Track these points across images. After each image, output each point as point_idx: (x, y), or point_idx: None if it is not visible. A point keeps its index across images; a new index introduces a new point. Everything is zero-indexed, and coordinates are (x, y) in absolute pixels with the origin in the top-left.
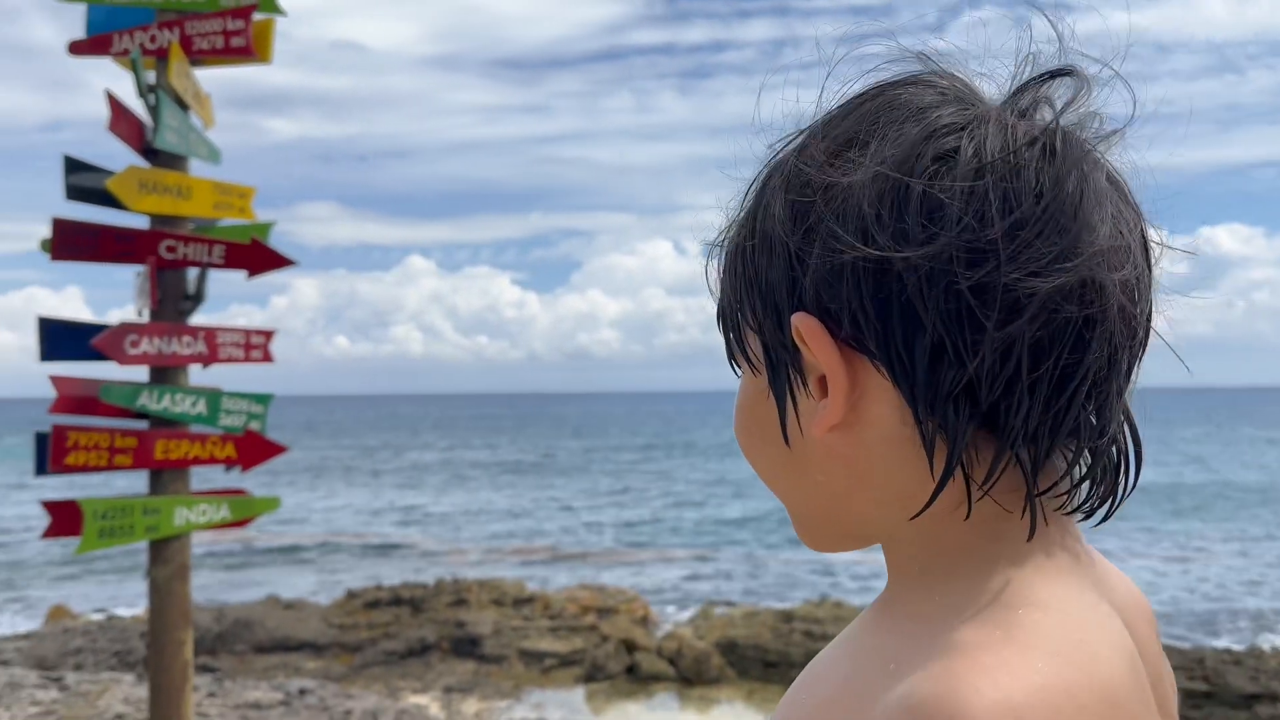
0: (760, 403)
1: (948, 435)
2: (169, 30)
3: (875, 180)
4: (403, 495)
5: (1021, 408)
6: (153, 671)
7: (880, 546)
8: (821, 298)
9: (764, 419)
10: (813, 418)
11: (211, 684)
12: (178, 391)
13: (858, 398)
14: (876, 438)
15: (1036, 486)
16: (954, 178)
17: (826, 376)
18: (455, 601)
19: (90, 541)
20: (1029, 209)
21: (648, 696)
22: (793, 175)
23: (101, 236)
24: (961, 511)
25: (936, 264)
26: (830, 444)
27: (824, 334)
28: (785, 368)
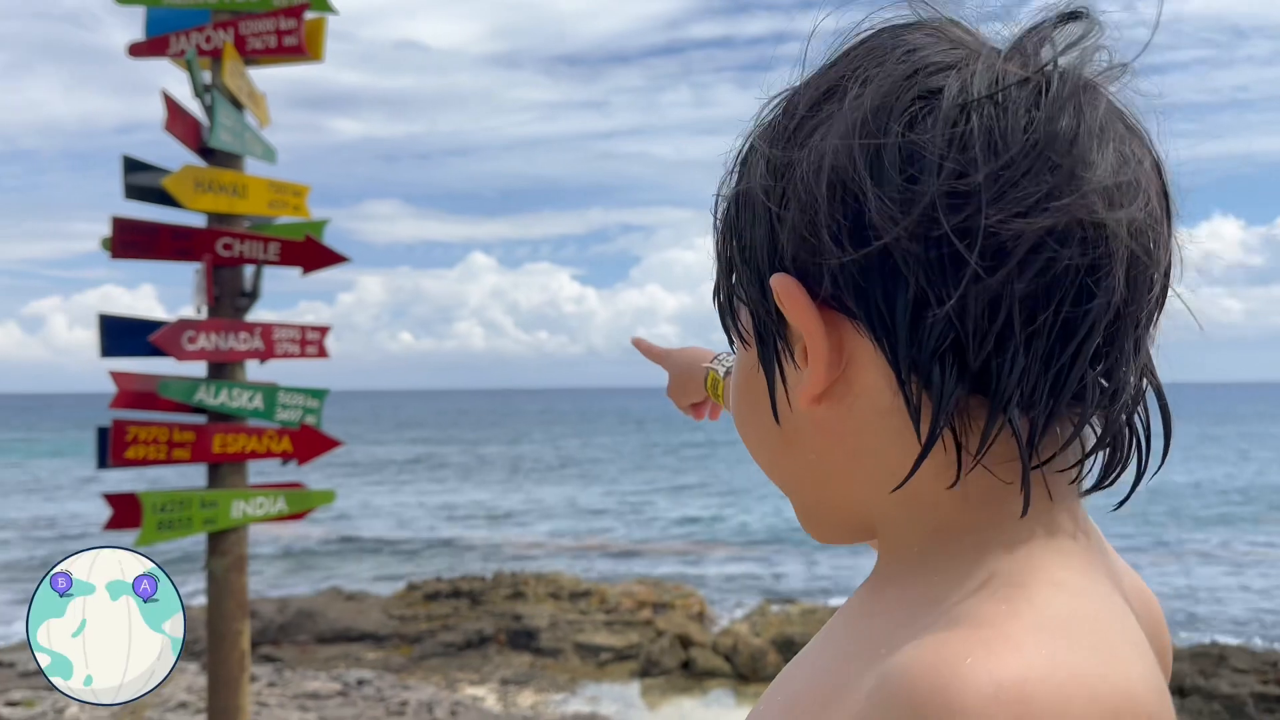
0: (752, 378)
1: (933, 397)
2: (223, 30)
3: (852, 127)
4: (464, 489)
5: (1015, 366)
6: (211, 662)
7: None
8: (799, 256)
9: (756, 396)
10: (798, 388)
11: (272, 674)
12: (234, 386)
13: (845, 365)
14: (868, 409)
15: (1036, 456)
16: (935, 119)
17: (806, 342)
18: (513, 594)
19: (149, 534)
20: (1016, 147)
21: (703, 692)
22: (774, 131)
23: (160, 235)
24: (959, 488)
25: (914, 210)
26: (819, 418)
27: (801, 294)
28: (772, 337)
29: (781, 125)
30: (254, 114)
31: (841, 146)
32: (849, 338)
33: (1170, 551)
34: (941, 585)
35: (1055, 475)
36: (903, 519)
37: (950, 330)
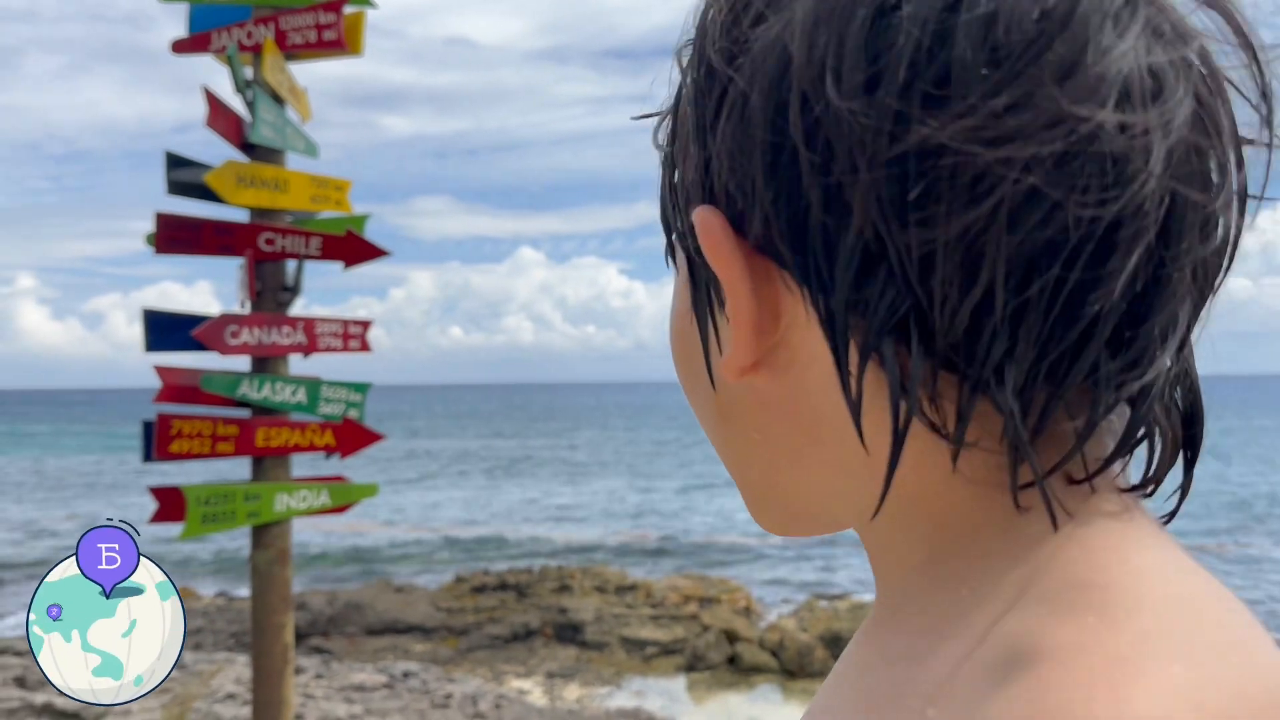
0: (685, 327)
1: (888, 379)
2: (264, 26)
3: (807, 17)
4: (513, 483)
5: (995, 350)
6: (255, 654)
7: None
8: (729, 184)
9: (690, 349)
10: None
11: (320, 665)
12: (277, 380)
13: (787, 327)
14: (820, 383)
15: (1036, 457)
16: (916, 5)
17: (726, 298)
18: (559, 587)
19: (194, 527)
20: (1014, 44)
21: (749, 688)
22: (714, 28)
23: (202, 230)
24: (953, 481)
25: (872, 124)
26: (760, 390)
27: (724, 234)
28: (704, 285)
29: (724, 20)
30: (295, 109)
31: (792, 41)
32: (789, 293)
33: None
34: (970, 600)
35: (1092, 463)
36: (891, 517)
37: (907, 297)
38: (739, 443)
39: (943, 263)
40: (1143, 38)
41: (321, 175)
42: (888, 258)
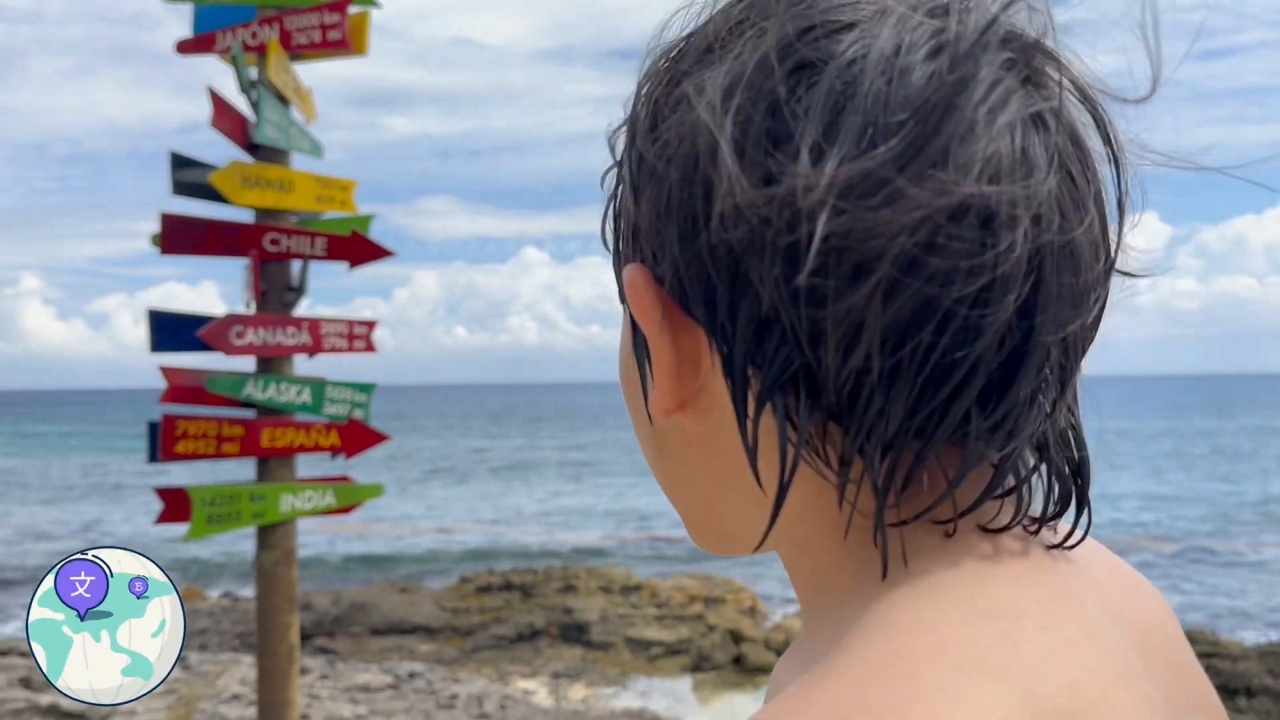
0: (630, 365)
1: (778, 429)
2: (269, 26)
3: (721, 93)
4: (517, 483)
5: (872, 407)
6: (260, 655)
7: None
8: (650, 245)
9: (634, 386)
10: None
11: (325, 666)
12: (282, 381)
13: (706, 373)
14: (734, 424)
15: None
16: (815, 90)
17: (650, 347)
18: (564, 588)
19: (199, 528)
20: (895, 131)
21: (755, 688)
22: (640, 111)
23: (207, 231)
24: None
25: (769, 204)
26: (686, 428)
27: (649, 290)
28: (640, 332)
29: (654, 86)
30: (300, 109)
31: (705, 117)
32: (702, 344)
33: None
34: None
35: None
36: (788, 555)
37: (796, 358)
38: (672, 473)
39: (829, 334)
40: (1017, 123)
41: (326, 175)
42: (780, 324)
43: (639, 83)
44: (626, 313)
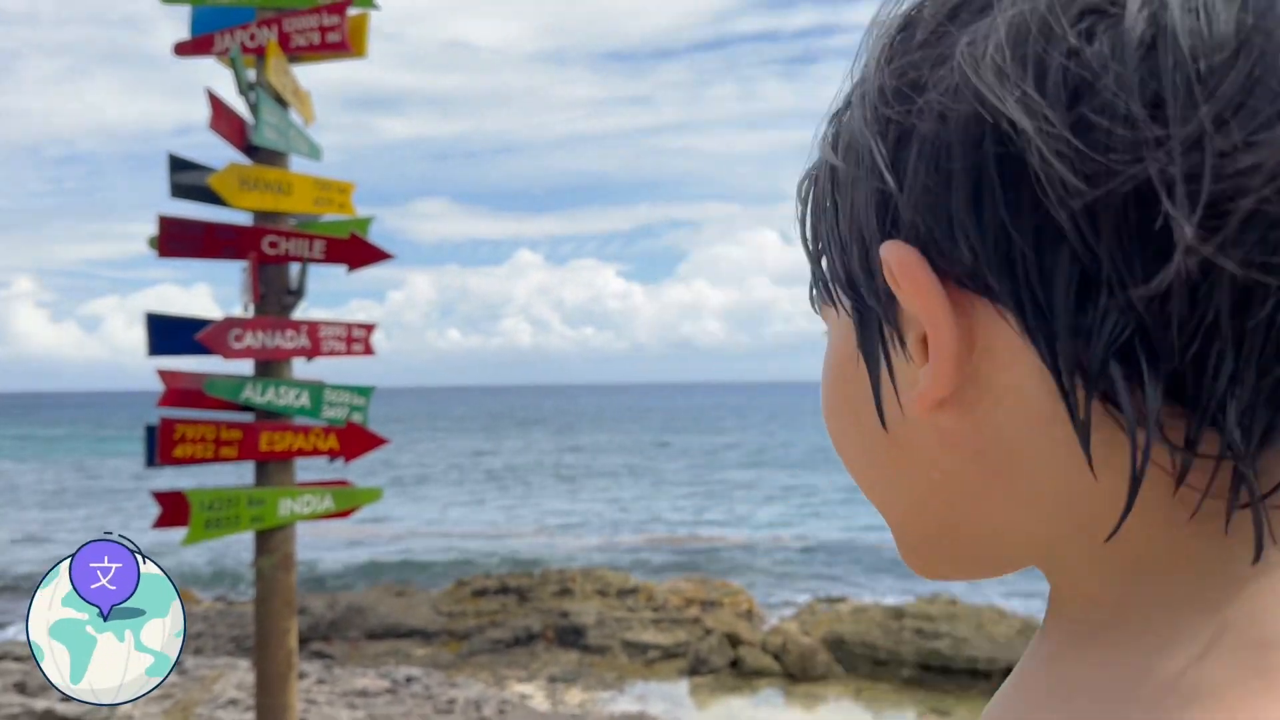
0: (849, 370)
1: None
2: (267, 28)
3: (1004, 44)
4: (513, 487)
5: (1224, 370)
6: (258, 660)
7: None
8: (922, 218)
9: (854, 392)
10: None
11: (322, 670)
12: (281, 384)
13: (979, 360)
14: (1016, 414)
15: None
16: (1119, 31)
17: (928, 331)
18: (560, 591)
19: (197, 532)
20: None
21: (752, 692)
22: (887, 69)
23: (206, 233)
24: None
25: (1092, 154)
26: (944, 427)
27: (924, 269)
28: (875, 322)
29: (899, 49)
30: (299, 111)
31: (988, 71)
32: (984, 324)
33: None
34: (1155, 647)
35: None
36: (1082, 556)
37: (1131, 319)
38: (912, 482)
39: (1176, 287)
40: None
41: (325, 178)
42: (1106, 281)
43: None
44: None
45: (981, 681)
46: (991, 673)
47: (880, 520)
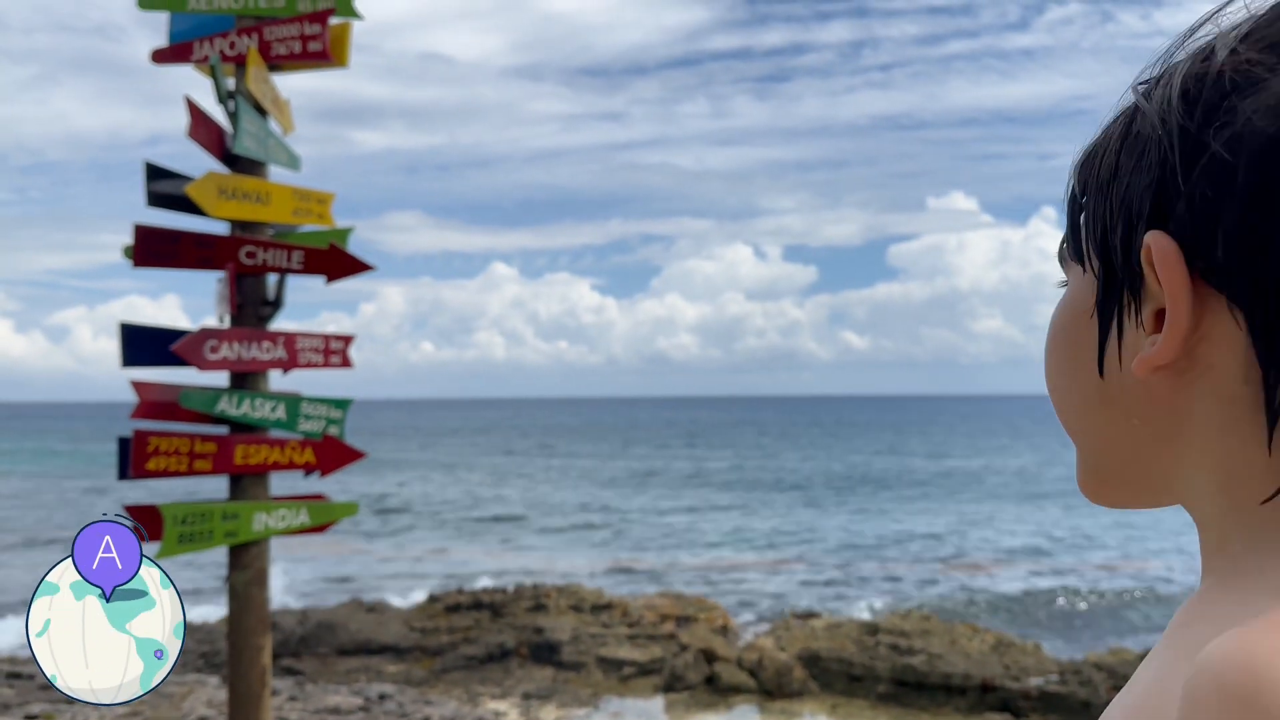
0: (1082, 322)
1: None
2: (247, 36)
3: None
4: (491, 500)
5: None
6: (231, 677)
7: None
8: (1192, 218)
9: (1081, 341)
10: (1138, 352)
11: (293, 688)
12: (257, 397)
13: (1198, 341)
14: (1209, 390)
15: None
16: None
17: (1167, 310)
18: (534, 607)
19: (170, 547)
20: None
21: (728, 708)
22: (1192, 75)
23: (182, 243)
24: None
25: None
26: (1153, 386)
27: (1179, 261)
28: (1121, 289)
29: (1204, 70)
30: (278, 121)
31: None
32: (1211, 314)
33: None
34: (1263, 589)
35: None
36: (1225, 514)
37: None
38: (1112, 425)
39: None
40: None
41: (304, 188)
42: None
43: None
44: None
45: (956, 697)
46: (966, 688)
47: (853, 535)
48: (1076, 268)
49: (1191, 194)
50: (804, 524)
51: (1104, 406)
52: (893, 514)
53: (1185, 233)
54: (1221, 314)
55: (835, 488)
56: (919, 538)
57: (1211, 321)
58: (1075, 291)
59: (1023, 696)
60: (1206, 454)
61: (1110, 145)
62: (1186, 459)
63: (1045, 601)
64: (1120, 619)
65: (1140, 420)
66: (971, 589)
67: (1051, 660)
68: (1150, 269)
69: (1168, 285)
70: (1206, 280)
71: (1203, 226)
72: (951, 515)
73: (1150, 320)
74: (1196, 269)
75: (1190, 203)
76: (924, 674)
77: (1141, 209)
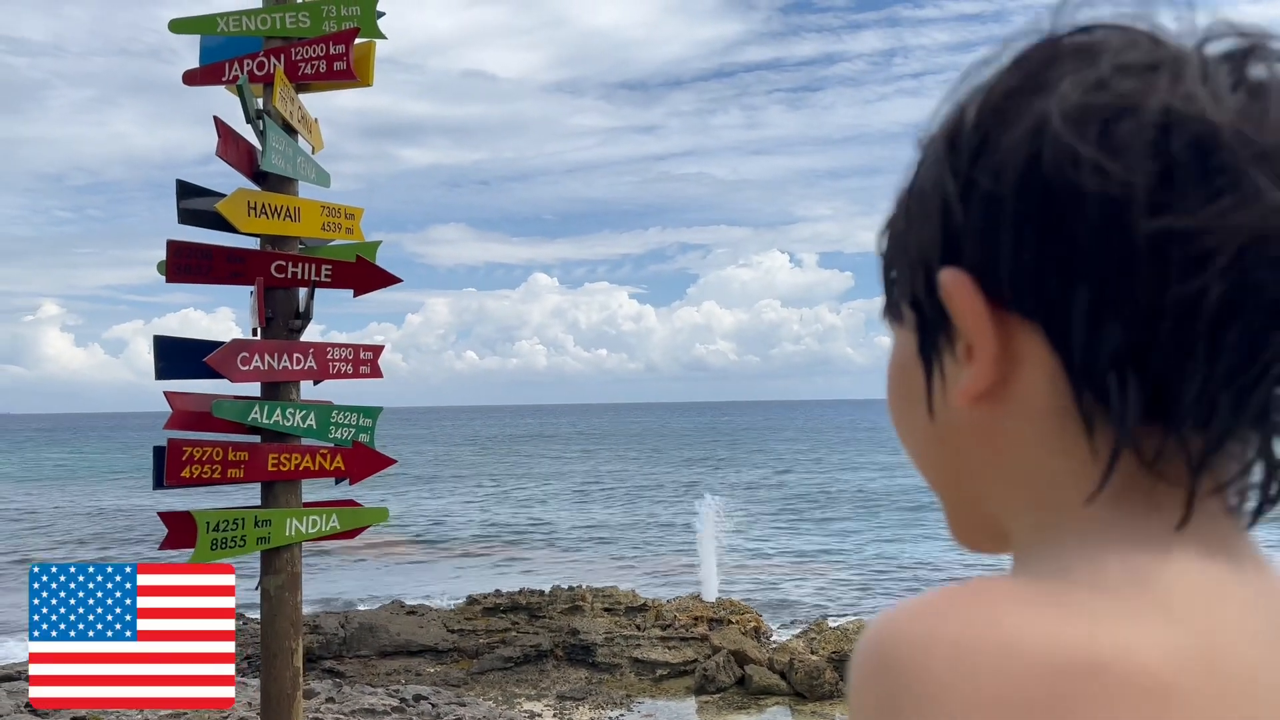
0: (909, 367)
1: (1111, 409)
2: (275, 57)
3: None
4: (527, 506)
5: (1195, 381)
6: (264, 680)
7: None
8: (976, 249)
9: (912, 384)
10: (957, 385)
11: (332, 689)
12: (287, 406)
13: (1010, 366)
14: (1025, 412)
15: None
16: (1141, 115)
17: (973, 340)
18: (570, 608)
19: (203, 553)
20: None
21: (759, 710)
22: (952, 128)
23: (214, 257)
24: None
25: (1111, 204)
26: (974, 417)
27: (973, 291)
28: (933, 332)
29: (960, 122)
30: (307, 139)
31: (1046, 137)
32: (1018, 338)
33: None
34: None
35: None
36: (1036, 529)
37: (1130, 338)
38: (947, 461)
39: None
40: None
41: (333, 203)
42: (1118, 309)
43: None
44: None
45: None
46: None
47: (886, 537)
48: (897, 325)
49: (971, 228)
50: (840, 531)
51: (937, 445)
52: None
53: (974, 263)
54: (1025, 335)
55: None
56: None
57: (1021, 344)
58: (899, 344)
59: None
60: (1019, 470)
61: (901, 203)
62: (1005, 484)
63: None
64: None
65: (964, 454)
66: None
67: None
68: (951, 304)
69: (966, 313)
70: (1004, 306)
71: (987, 255)
72: None
73: (964, 355)
74: (993, 297)
75: (971, 236)
76: None
77: (933, 252)
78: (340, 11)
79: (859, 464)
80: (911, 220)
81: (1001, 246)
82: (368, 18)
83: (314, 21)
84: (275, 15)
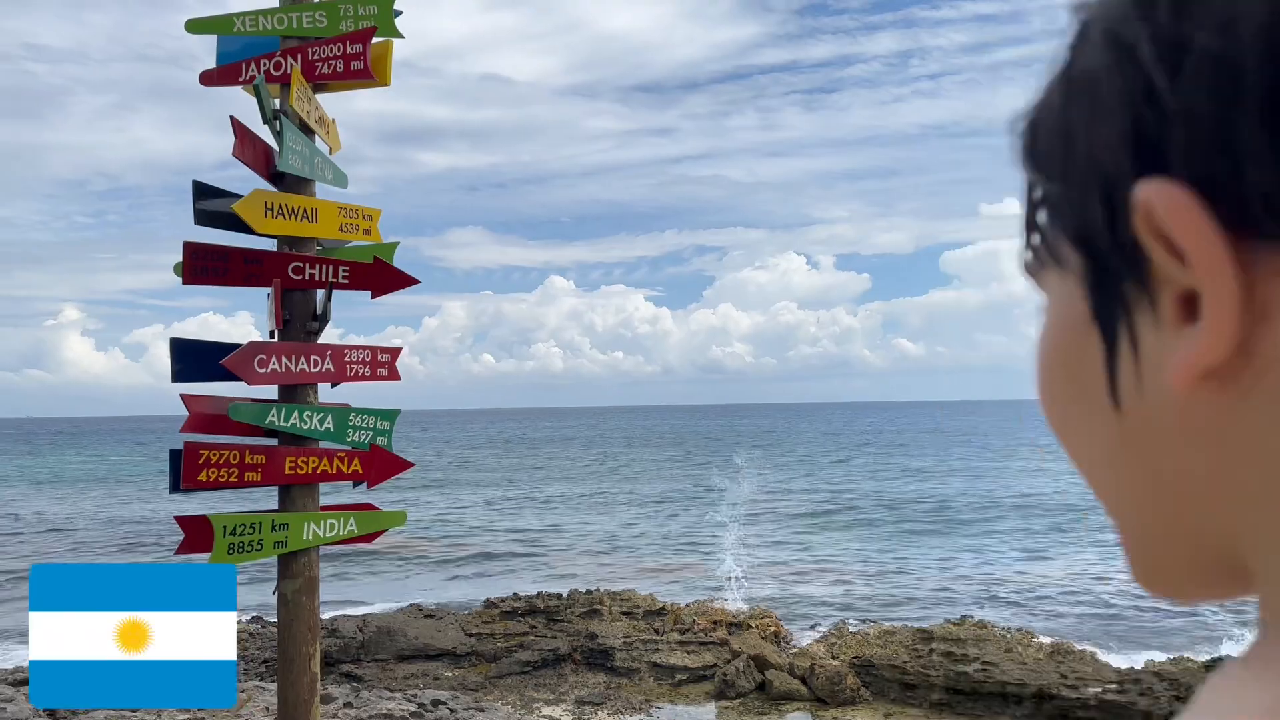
0: (1077, 340)
1: None
2: (291, 57)
3: None
4: (546, 508)
5: None
6: (281, 684)
7: None
8: (1198, 149)
9: (1079, 365)
10: (1169, 358)
11: (350, 694)
12: (305, 409)
13: (1253, 323)
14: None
15: None
16: None
17: (1203, 286)
18: (588, 612)
19: (220, 557)
20: None
21: (780, 716)
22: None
23: (230, 259)
24: None
25: None
26: (1194, 406)
27: (1198, 214)
28: (1118, 280)
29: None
30: (324, 140)
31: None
32: (1260, 280)
33: None
34: None
35: None
36: None
37: None
38: (1145, 476)
39: None
40: None
41: (351, 204)
42: None
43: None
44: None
45: (1012, 706)
46: (1021, 696)
47: (908, 539)
48: (1053, 274)
49: (1186, 116)
50: (862, 538)
51: (1128, 452)
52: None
53: (1192, 172)
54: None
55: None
56: (975, 555)
57: (1265, 290)
58: (1056, 306)
59: (1080, 706)
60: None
61: (1052, 104)
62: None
63: (1103, 606)
64: (1182, 627)
65: (1174, 460)
66: (1027, 595)
67: (1110, 668)
68: (1154, 238)
69: (1190, 247)
70: (1238, 230)
71: (1215, 157)
72: (1015, 550)
73: (1174, 310)
74: (1227, 221)
75: (1188, 129)
76: (979, 682)
77: (1119, 158)
78: (357, 11)
79: (881, 469)
80: (1074, 125)
81: (1240, 142)
82: (385, 17)
83: (331, 21)
84: (292, 15)
